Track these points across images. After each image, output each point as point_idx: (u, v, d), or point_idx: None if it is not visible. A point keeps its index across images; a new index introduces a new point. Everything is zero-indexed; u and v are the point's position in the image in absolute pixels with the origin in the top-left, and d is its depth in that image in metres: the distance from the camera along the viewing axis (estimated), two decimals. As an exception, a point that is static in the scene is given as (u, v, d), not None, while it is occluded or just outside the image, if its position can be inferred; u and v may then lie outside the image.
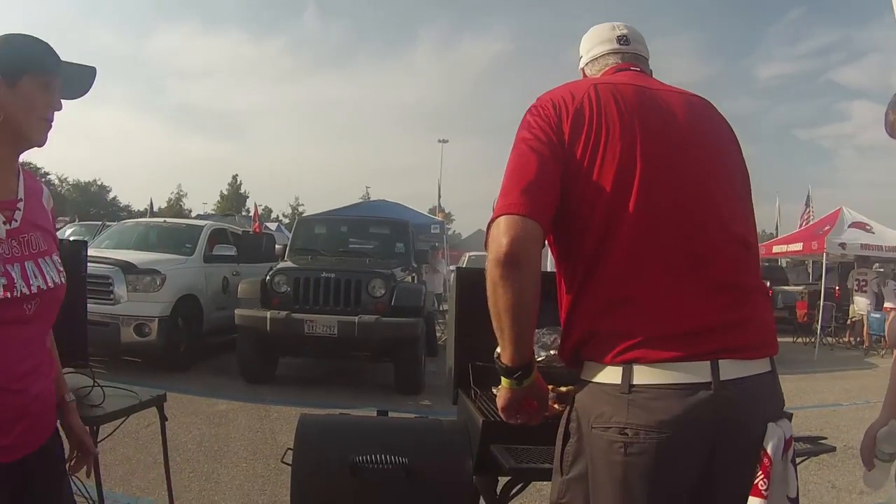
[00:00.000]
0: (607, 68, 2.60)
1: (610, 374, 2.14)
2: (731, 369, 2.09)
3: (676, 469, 2.07)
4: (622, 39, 2.63)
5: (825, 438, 3.65)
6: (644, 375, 2.09)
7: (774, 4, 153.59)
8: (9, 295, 2.10)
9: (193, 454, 7.02)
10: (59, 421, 2.50)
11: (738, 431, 2.09)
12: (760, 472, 2.06)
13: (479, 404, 3.39)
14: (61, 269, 2.34)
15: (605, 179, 2.19)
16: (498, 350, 2.30)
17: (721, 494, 2.11)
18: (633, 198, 2.18)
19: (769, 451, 2.07)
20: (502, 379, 2.35)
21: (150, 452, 6.54)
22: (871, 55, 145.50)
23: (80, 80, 2.36)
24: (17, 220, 2.23)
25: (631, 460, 2.05)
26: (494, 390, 3.55)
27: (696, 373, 2.07)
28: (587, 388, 2.23)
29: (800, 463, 3.57)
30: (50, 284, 2.24)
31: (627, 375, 2.09)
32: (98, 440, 3.66)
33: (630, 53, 2.63)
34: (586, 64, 2.70)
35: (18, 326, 2.16)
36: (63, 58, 2.29)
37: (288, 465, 3.20)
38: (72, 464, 2.63)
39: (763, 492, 2.05)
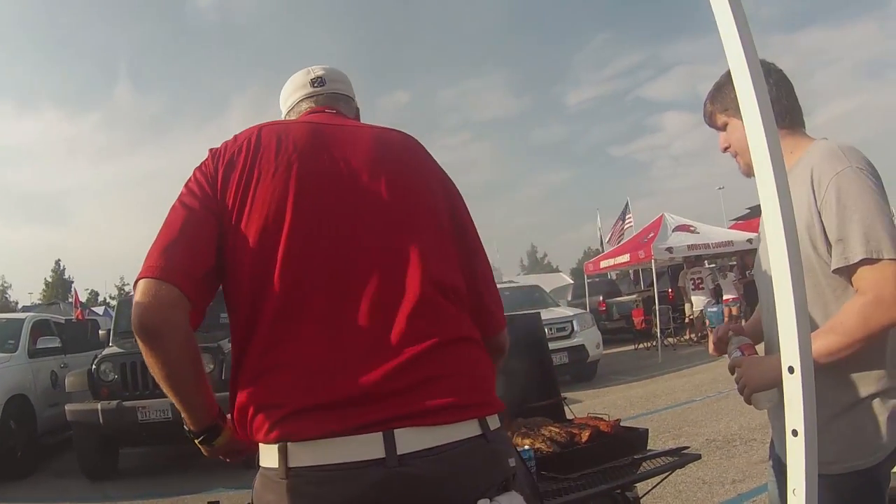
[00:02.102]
0: (301, 115, 2.42)
1: (268, 456, 1.85)
2: (415, 439, 1.81)
3: None
4: (317, 81, 2.45)
5: (687, 448, 3.62)
6: (301, 455, 1.79)
7: (580, 31, 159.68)
8: None
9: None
10: None
11: None
12: None
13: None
14: None
15: (252, 229, 1.96)
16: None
17: None
18: (282, 250, 1.93)
19: None
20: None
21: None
22: (676, 68, 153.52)
23: None
24: None
25: None
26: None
27: (365, 448, 1.77)
28: (259, 475, 1.92)
29: (667, 476, 3.55)
30: None
31: (283, 456, 1.80)
32: None
33: (326, 94, 2.44)
34: (286, 114, 2.50)
35: None
36: None
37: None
38: None
39: None
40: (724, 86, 2.72)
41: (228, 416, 2.13)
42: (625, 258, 22.30)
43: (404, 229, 2.04)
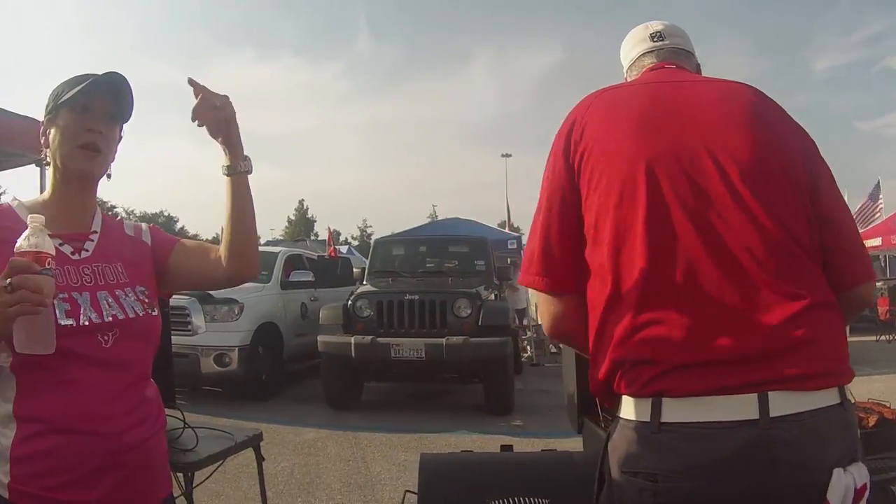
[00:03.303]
0: (643, 70, 2.40)
1: (639, 409, 1.85)
2: (785, 403, 1.75)
3: None
4: (656, 36, 2.42)
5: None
6: (675, 411, 1.79)
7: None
8: (72, 323, 1.92)
9: (285, 487, 6.77)
10: None
11: (795, 479, 1.74)
12: None
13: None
14: (148, 300, 2.16)
15: (612, 190, 1.97)
16: None
17: None
18: (643, 210, 1.92)
19: (832, 502, 1.72)
20: None
21: (239, 487, 6.31)
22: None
23: (116, 93, 2.18)
24: (87, 251, 2.14)
25: None
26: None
27: (739, 408, 1.74)
28: (618, 426, 1.93)
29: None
30: (130, 315, 2.06)
31: (657, 410, 1.80)
32: (194, 485, 3.45)
33: (666, 49, 2.40)
34: (626, 70, 2.50)
35: (97, 363, 1.97)
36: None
37: (408, 511, 2.88)
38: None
39: None
40: None
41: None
42: (876, 241, 20.87)
43: (760, 188, 1.93)
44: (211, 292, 10.99)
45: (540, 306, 2.18)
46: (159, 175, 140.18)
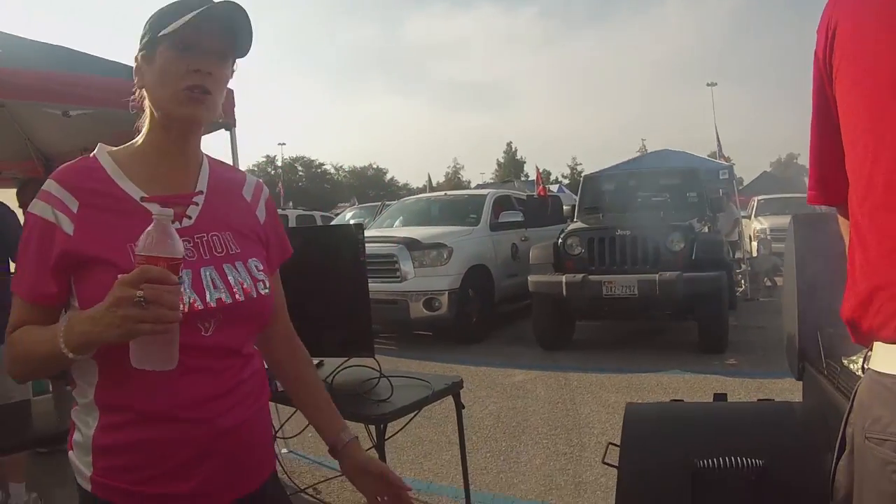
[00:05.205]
0: None
1: (891, 359, 1.45)
2: None
3: None
4: None
5: None
6: None
7: None
8: None
9: (491, 431, 6.71)
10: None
11: None
12: None
13: (839, 384, 2.61)
14: (262, 277, 1.86)
15: (864, 90, 1.58)
16: None
17: None
18: None
19: None
20: None
21: (443, 432, 6.35)
22: None
23: (231, 28, 1.79)
24: (190, 218, 1.82)
25: None
26: (845, 361, 2.83)
27: None
28: (867, 379, 1.55)
29: None
30: (238, 297, 1.77)
31: None
32: (386, 438, 3.36)
33: None
34: None
35: (193, 349, 1.68)
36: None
37: (610, 465, 2.69)
38: None
39: None
40: None
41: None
42: None
43: None
44: (418, 238, 11.38)
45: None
46: (366, 131, 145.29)
